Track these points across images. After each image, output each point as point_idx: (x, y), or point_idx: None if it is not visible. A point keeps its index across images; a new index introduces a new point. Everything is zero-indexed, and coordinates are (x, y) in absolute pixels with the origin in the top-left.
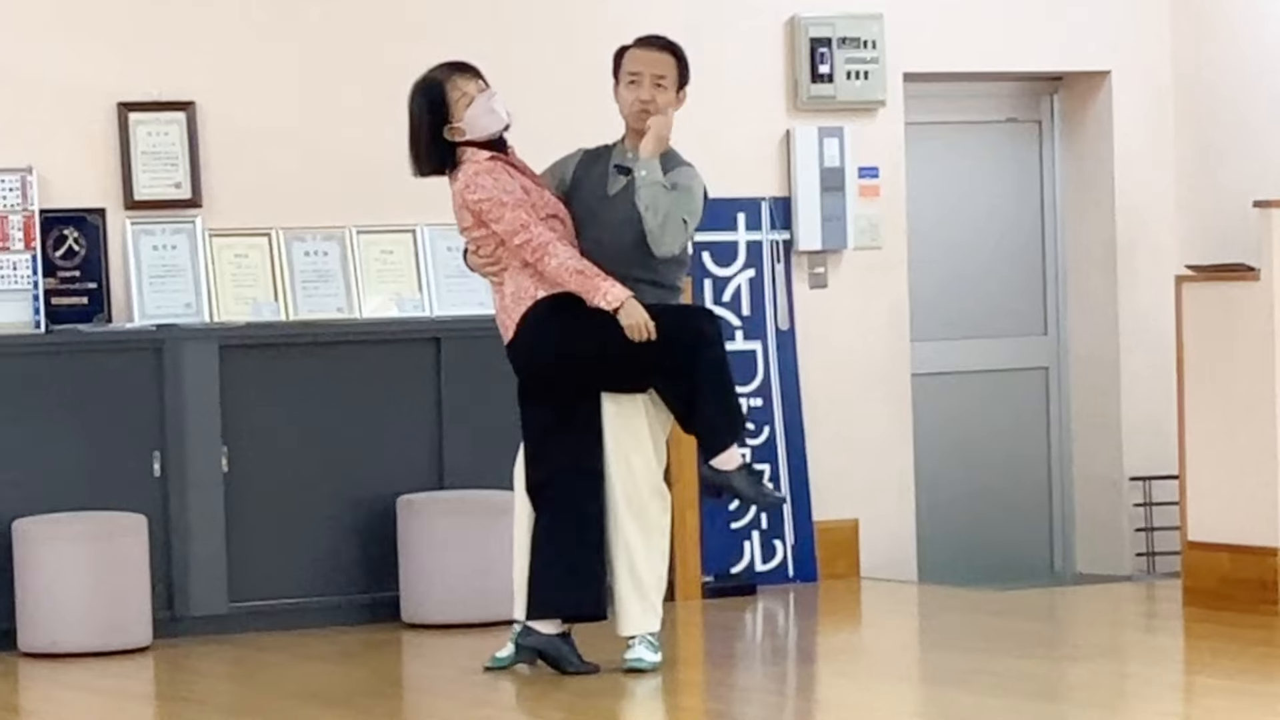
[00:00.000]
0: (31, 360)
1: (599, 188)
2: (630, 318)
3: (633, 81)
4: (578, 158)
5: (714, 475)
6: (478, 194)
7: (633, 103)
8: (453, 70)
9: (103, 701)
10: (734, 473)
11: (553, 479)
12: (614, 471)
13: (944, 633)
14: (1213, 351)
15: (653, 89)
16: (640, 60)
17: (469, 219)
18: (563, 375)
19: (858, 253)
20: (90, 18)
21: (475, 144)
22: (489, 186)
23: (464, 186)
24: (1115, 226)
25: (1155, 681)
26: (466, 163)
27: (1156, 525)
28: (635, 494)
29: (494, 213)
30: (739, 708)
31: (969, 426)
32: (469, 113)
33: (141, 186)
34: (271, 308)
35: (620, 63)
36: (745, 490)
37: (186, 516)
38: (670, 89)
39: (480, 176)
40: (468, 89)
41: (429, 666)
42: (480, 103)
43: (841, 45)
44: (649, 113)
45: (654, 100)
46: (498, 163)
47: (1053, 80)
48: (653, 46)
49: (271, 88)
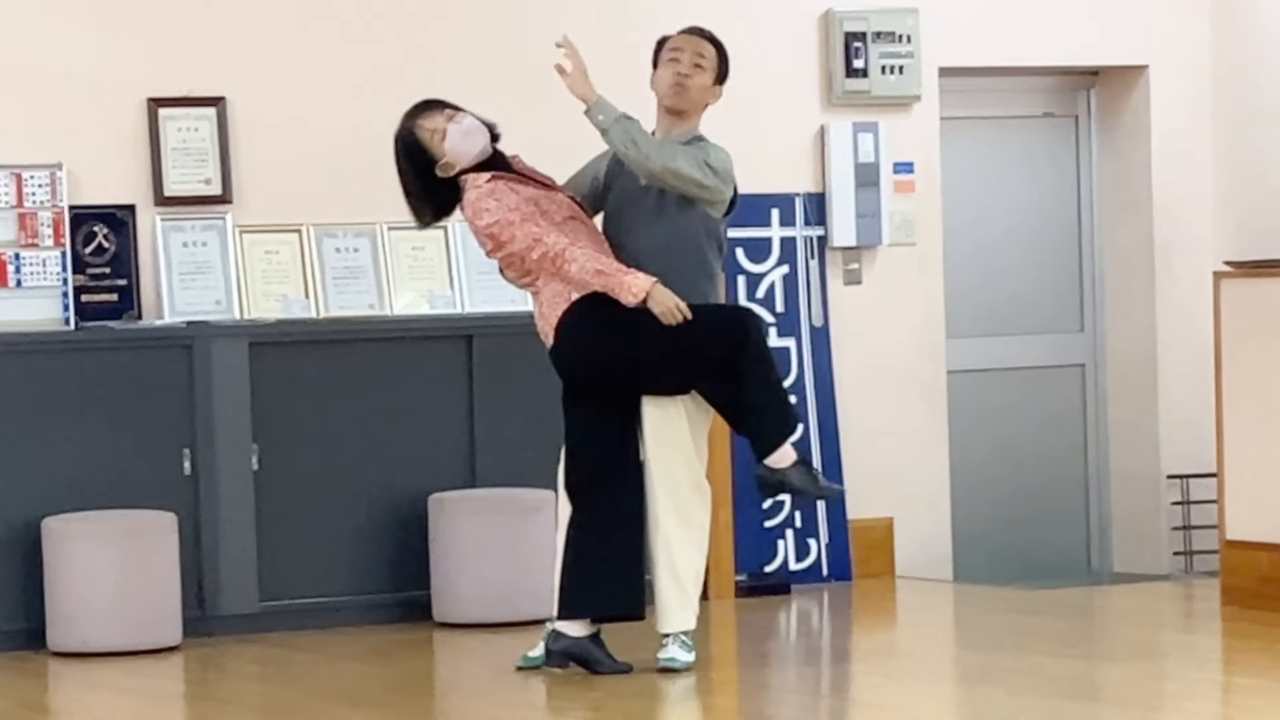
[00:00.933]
0: (61, 358)
1: (631, 181)
2: (660, 304)
3: (673, 59)
4: (609, 155)
5: (770, 474)
6: (484, 219)
7: (670, 77)
8: (416, 114)
9: (132, 701)
10: (789, 469)
11: (592, 478)
12: (654, 468)
13: (980, 632)
14: (1251, 348)
15: (691, 66)
16: (684, 41)
17: (488, 244)
18: (602, 376)
19: (892, 249)
20: (120, 14)
21: (473, 170)
22: (494, 209)
23: (472, 215)
24: (1153, 222)
25: (1194, 681)
26: (468, 190)
27: (1194, 524)
28: (675, 490)
29: (505, 233)
30: (773, 708)
31: (1005, 424)
32: (447, 146)
33: (171, 183)
34: (302, 304)
35: (660, 49)
36: (803, 485)
37: (217, 515)
38: (709, 71)
39: (482, 200)
40: (435, 125)
41: (460, 666)
42: (452, 132)
43: (876, 40)
44: (684, 86)
45: (691, 76)
46: (498, 181)
47: (1090, 75)
48: (697, 34)
49: (302, 83)
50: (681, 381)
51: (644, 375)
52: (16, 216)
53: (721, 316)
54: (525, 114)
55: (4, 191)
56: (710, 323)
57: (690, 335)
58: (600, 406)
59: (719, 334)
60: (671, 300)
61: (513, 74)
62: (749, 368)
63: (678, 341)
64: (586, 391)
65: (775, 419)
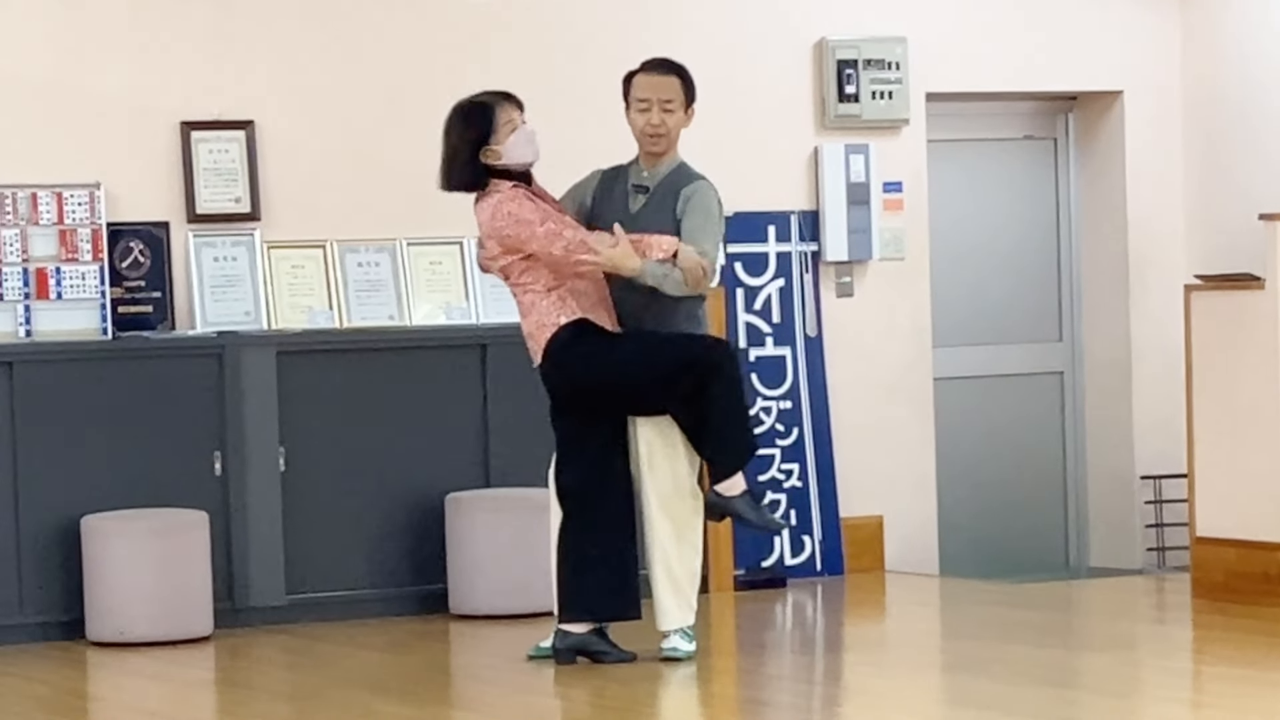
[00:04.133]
0: (99, 366)
1: (620, 207)
2: (688, 260)
3: (643, 109)
4: (596, 180)
5: (718, 499)
6: (503, 222)
7: (644, 127)
8: (504, 97)
9: (167, 688)
10: (736, 499)
11: (582, 485)
12: (645, 475)
13: (964, 623)
14: (1220, 357)
15: (661, 114)
16: (647, 86)
17: (495, 249)
18: (587, 398)
19: (882, 263)
20: (155, 42)
21: (503, 173)
22: (514, 213)
23: (490, 217)
24: (1127, 238)
25: (1165, 670)
26: (492, 193)
27: (1166, 521)
28: (667, 496)
29: (524, 233)
30: (770, 694)
31: (988, 428)
32: (510, 139)
33: (203, 201)
34: (326, 315)
35: (629, 88)
36: (748, 515)
37: (246, 513)
38: (678, 110)
39: (504, 204)
40: (514, 117)
41: (476, 655)
42: (522, 132)
43: (867, 66)
44: (660, 136)
45: (663, 123)
46: (519, 190)
47: (1068, 100)
48: (657, 70)
49: (326, 108)
50: (658, 405)
51: (624, 398)
52: (57, 233)
53: (697, 347)
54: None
55: (46, 209)
56: (687, 353)
57: (667, 362)
58: (586, 419)
59: (693, 363)
60: (697, 259)
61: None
62: (717, 396)
63: (655, 368)
64: (569, 405)
65: (733, 448)
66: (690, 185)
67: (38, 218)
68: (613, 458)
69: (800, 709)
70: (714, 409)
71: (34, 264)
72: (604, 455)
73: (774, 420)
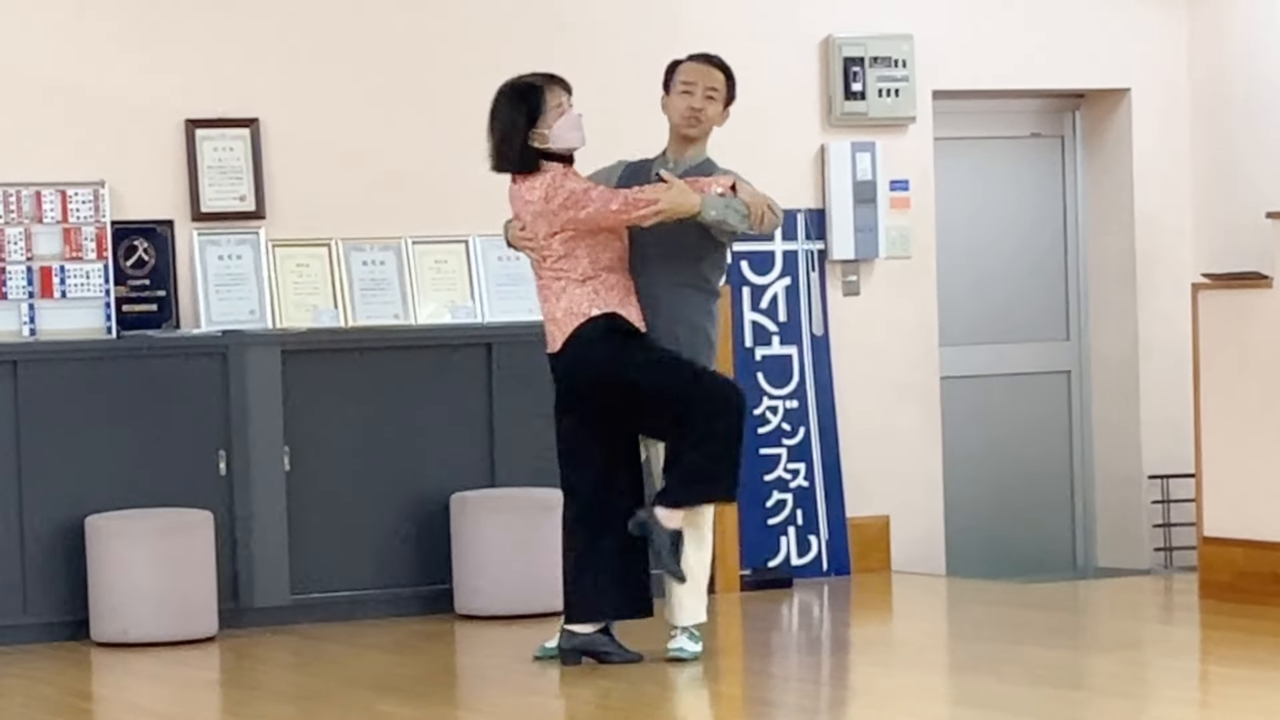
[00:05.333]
0: (103, 364)
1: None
2: (750, 194)
3: (686, 91)
4: (620, 169)
5: (647, 520)
6: (561, 200)
7: (685, 109)
8: (553, 80)
9: (171, 688)
10: (669, 531)
11: (587, 485)
12: (658, 472)
13: (971, 623)
14: (1228, 356)
15: (704, 99)
16: (695, 72)
17: (543, 229)
18: (599, 395)
19: (889, 262)
20: (160, 40)
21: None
22: (568, 185)
23: (544, 197)
24: (1134, 237)
25: (1173, 670)
26: (544, 173)
27: (1174, 521)
28: None
29: (582, 200)
30: (776, 695)
31: (995, 427)
32: (559, 123)
33: (208, 199)
34: (331, 314)
35: (673, 74)
36: (665, 551)
37: (250, 513)
38: (719, 101)
39: (558, 181)
40: (563, 101)
41: (481, 655)
42: (570, 117)
43: (873, 64)
44: (699, 120)
45: (704, 109)
46: (571, 169)
47: (1075, 97)
48: (707, 62)
49: (331, 106)
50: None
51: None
52: (62, 231)
53: (717, 380)
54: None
55: (50, 207)
56: (704, 384)
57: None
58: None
59: (709, 395)
60: (760, 193)
61: None
62: (720, 432)
63: (675, 382)
64: (577, 401)
65: (707, 485)
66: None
67: (42, 216)
68: (619, 457)
69: (806, 709)
70: (713, 441)
71: (38, 263)
72: (611, 455)
73: (780, 419)
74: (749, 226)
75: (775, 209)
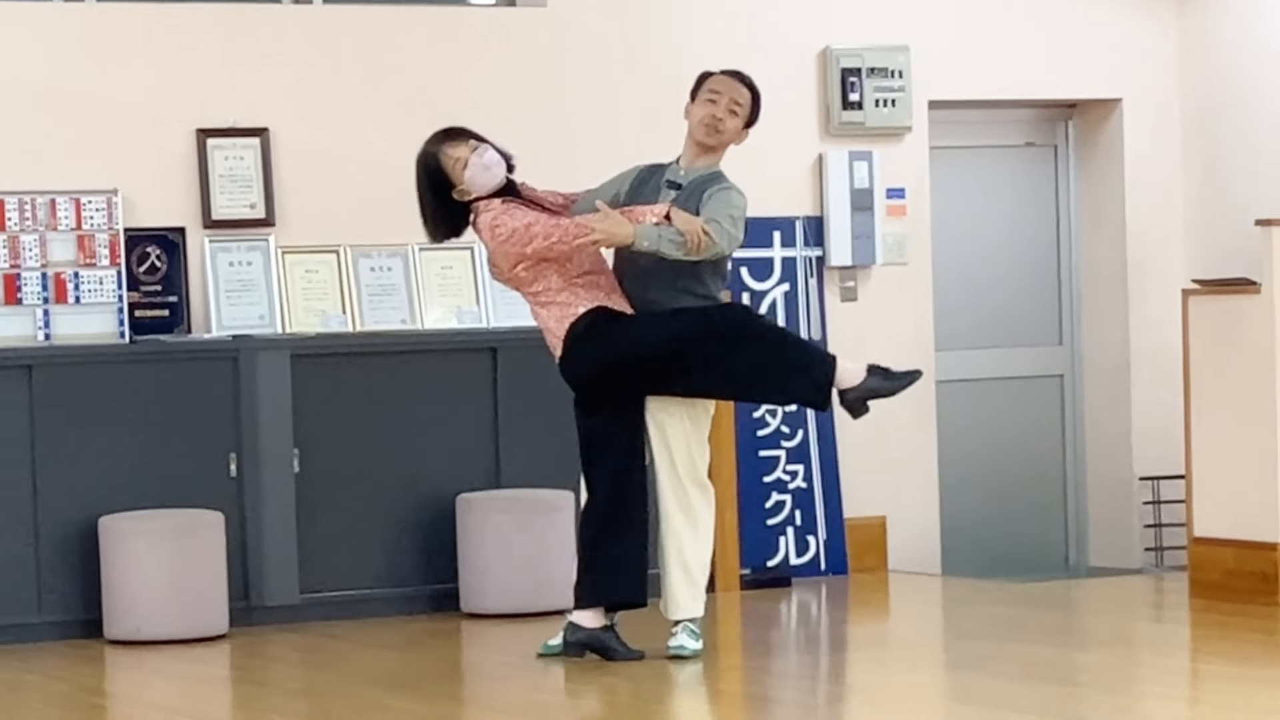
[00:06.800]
0: (117, 369)
1: (649, 201)
2: (684, 221)
3: (711, 100)
4: (634, 174)
5: (852, 394)
6: (501, 234)
7: (705, 116)
8: (442, 140)
9: (183, 685)
10: (866, 381)
11: (603, 478)
12: (660, 468)
13: (966, 622)
14: (1217, 360)
15: (727, 111)
16: (723, 84)
17: (504, 264)
18: (611, 383)
19: (885, 268)
20: (172, 51)
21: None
22: (508, 223)
23: (489, 235)
24: (1126, 244)
25: (1163, 667)
26: (482, 214)
27: (1165, 522)
28: (680, 488)
29: (526, 236)
30: (775, 692)
31: (989, 430)
32: (467, 175)
33: (219, 207)
34: (339, 319)
35: (702, 83)
36: (885, 388)
37: (260, 513)
38: (741, 118)
39: (498, 219)
40: (459, 154)
41: (486, 653)
42: (474, 163)
43: (870, 75)
44: (718, 129)
45: (725, 120)
46: (509, 204)
47: (1068, 107)
48: (737, 78)
49: (340, 115)
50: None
51: (646, 372)
52: (76, 238)
53: (710, 315)
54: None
55: (64, 215)
56: (703, 319)
57: (687, 333)
58: (606, 413)
59: (713, 330)
60: (693, 219)
61: (535, 107)
62: (760, 342)
63: (677, 339)
64: (596, 400)
65: (815, 363)
66: (719, 184)
67: (56, 223)
68: (631, 451)
69: (805, 706)
70: (770, 353)
71: (53, 269)
72: (623, 450)
73: (779, 422)
74: (685, 254)
75: (713, 234)
